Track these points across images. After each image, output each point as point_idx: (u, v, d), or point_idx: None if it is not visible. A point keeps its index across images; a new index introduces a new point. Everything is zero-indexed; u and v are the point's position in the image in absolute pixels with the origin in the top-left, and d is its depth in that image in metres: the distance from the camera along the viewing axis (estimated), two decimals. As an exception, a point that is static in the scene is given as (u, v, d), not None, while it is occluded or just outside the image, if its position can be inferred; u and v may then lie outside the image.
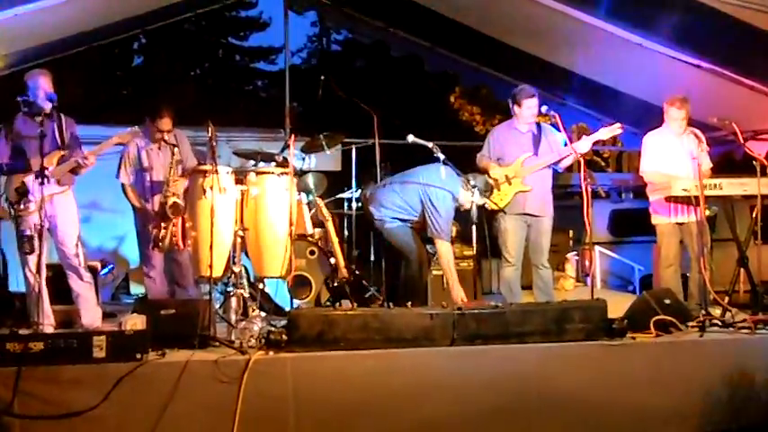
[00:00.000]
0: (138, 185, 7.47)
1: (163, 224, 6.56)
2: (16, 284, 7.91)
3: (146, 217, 7.26)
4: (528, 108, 7.52)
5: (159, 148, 7.39)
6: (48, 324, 6.44)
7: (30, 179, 6.52)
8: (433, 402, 5.42)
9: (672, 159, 7.51)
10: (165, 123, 7.35)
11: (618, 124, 7.57)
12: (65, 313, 6.95)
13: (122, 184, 7.50)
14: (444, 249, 7.21)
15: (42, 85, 6.67)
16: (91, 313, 6.83)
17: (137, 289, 9.46)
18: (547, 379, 5.63)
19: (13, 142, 6.63)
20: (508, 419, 5.52)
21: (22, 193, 6.52)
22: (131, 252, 9.52)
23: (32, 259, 6.43)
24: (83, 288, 6.84)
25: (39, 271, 6.32)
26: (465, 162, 7.80)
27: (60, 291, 6.94)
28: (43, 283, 6.56)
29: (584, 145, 7.48)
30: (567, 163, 7.65)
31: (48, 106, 6.61)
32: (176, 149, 6.85)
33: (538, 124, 7.70)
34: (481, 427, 5.47)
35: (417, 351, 5.57)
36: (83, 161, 6.66)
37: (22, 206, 6.51)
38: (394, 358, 5.50)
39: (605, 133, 7.60)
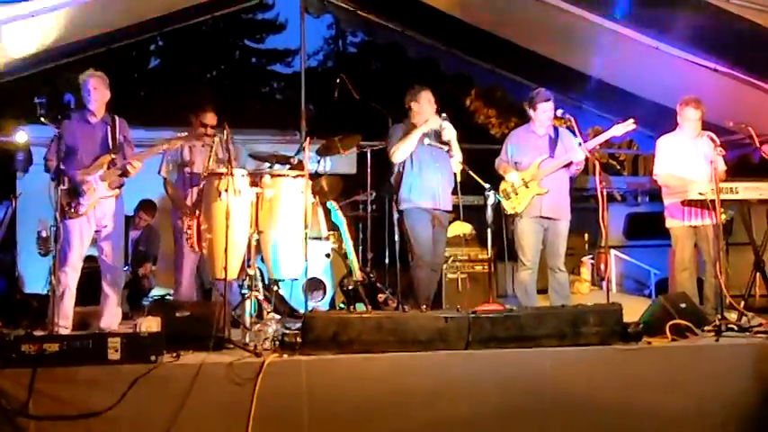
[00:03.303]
0: (179, 180, 7.54)
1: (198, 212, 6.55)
2: (33, 286, 7.97)
3: (183, 212, 7.28)
4: (543, 112, 7.54)
5: (202, 145, 7.44)
6: (63, 326, 6.47)
7: (80, 181, 6.59)
8: (447, 405, 5.42)
9: (686, 162, 7.48)
10: (209, 118, 7.43)
11: (631, 120, 7.51)
12: (82, 315, 6.99)
13: (164, 179, 7.57)
14: None
15: (96, 88, 6.83)
16: (113, 315, 6.88)
17: (155, 290, 9.50)
18: (561, 382, 5.61)
19: (66, 144, 6.65)
20: (522, 423, 5.50)
21: (73, 194, 6.58)
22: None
23: (70, 258, 6.55)
24: (114, 291, 6.91)
25: (54, 272, 6.34)
26: (481, 164, 7.80)
27: (79, 293, 6.97)
28: (70, 284, 6.61)
29: (587, 146, 7.43)
30: (575, 170, 7.61)
31: (100, 109, 6.77)
32: (216, 144, 6.82)
33: (555, 128, 7.71)
34: (494, 430, 5.46)
35: (432, 354, 5.55)
36: (129, 166, 6.73)
37: (72, 208, 6.57)
38: (408, 361, 5.49)
39: (619, 129, 7.54)
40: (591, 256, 10.80)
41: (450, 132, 7.48)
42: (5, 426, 4.88)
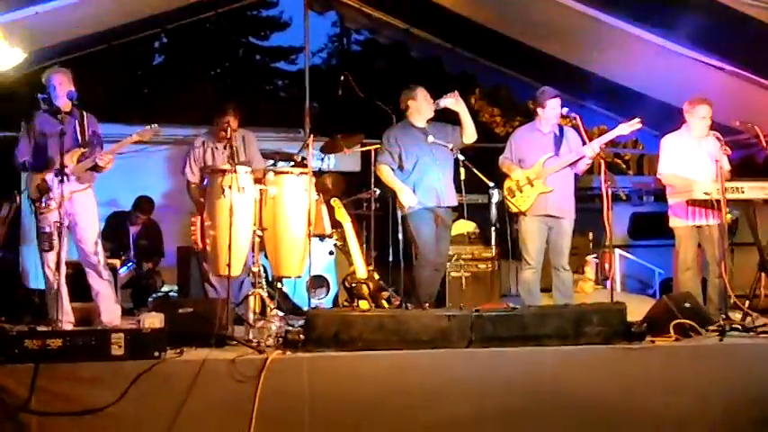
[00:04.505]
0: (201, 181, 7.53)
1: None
2: (36, 282, 7.95)
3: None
4: (552, 109, 7.52)
5: (225, 147, 7.42)
6: (66, 321, 6.49)
7: (51, 177, 6.57)
8: (448, 403, 5.41)
9: (690, 162, 7.43)
10: (231, 119, 7.40)
11: (637, 119, 7.47)
12: (84, 311, 6.99)
13: (187, 181, 7.57)
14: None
15: (61, 84, 6.72)
16: (110, 311, 6.87)
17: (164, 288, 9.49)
18: (564, 382, 5.60)
19: (35, 140, 6.69)
20: (524, 422, 5.49)
21: (44, 190, 6.57)
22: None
23: (51, 256, 6.46)
24: (102, 286, 6.88)
25: (58, 268, 6.35)
26: (484, 163, 7.79)
27: (80, 288, 6.97)
28: (62, 280, 6.59)
29: (598, 142, 7.40)
30: (585, 165, 7.58)
31: (67, 104, 6.67)
32: (234, 147, 6.80)
33: (560, 126, 7.68)
34: (496, 429, 5.46)
35: (434, 352, 5.55)
36: (101, 160, 6.70)
37: (43, 204, 6.56)
38: (410, 359, 5.49)
39: (625, 128, 7.51)
40: (595, 256, 10.77)
41: (451, 103, 7.48)
42: (8, 422, 4.88)
